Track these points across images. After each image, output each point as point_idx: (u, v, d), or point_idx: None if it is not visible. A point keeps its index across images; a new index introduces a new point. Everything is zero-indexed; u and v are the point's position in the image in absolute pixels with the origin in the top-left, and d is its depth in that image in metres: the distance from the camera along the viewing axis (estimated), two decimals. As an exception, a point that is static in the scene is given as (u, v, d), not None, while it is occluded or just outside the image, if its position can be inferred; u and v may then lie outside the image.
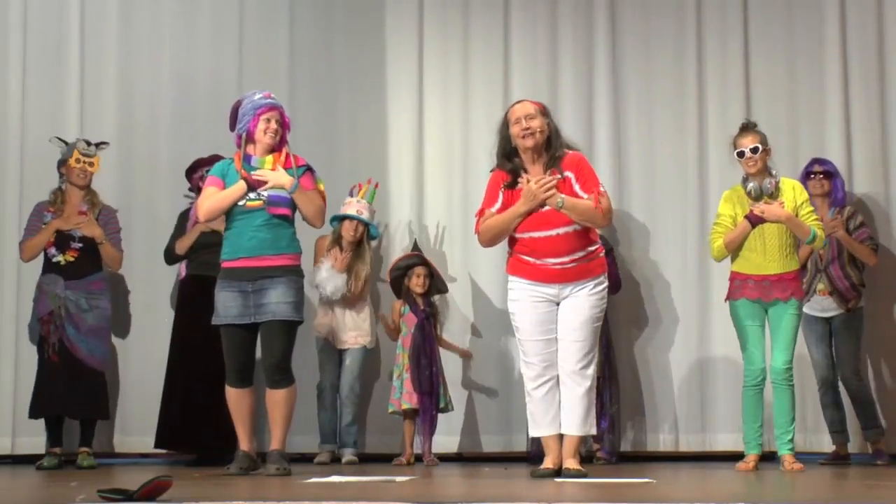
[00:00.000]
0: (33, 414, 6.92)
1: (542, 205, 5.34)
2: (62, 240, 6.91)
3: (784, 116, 7.59)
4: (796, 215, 6.17)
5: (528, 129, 5.43)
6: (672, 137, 7.73)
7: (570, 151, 5.51)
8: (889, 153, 7.64)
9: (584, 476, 5.30)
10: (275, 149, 5.90)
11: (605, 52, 7.80)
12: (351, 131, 7.75)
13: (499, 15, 7.89)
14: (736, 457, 6.75)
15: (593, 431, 5.55)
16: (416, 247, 7.38)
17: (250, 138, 5.88)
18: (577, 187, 5.40)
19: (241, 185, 5.78)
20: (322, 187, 5.98)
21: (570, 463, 5.40)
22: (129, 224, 7.48)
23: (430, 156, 7.82)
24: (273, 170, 5.83)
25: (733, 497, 4.21)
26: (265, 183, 5.79)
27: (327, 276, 7.09)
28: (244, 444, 5.89)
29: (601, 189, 5.40)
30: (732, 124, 7.46)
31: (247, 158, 5.88)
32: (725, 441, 7.48)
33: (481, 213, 5.54)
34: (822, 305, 7.01)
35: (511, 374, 7.59)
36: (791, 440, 6.19)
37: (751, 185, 6.27)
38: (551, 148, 5.47)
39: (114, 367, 7.47)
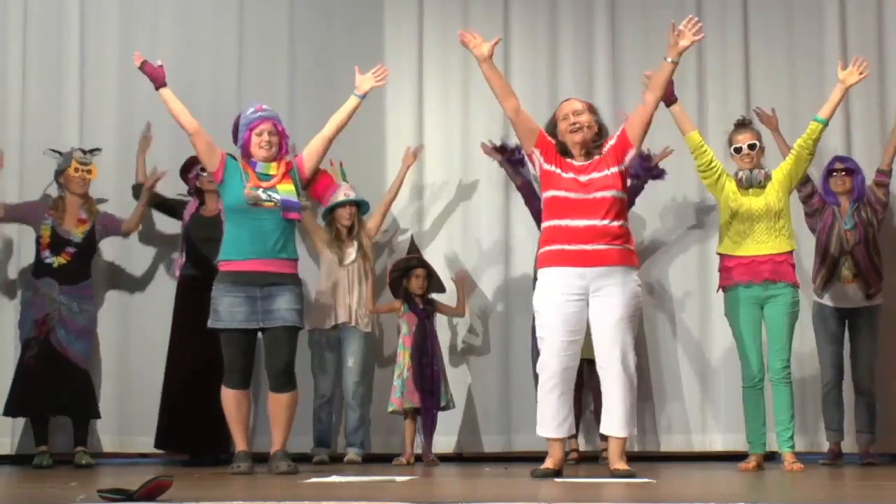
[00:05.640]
0: (7, 412, 6.96)
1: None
2: (58, 242, 6.95)
3: (784, 112, 7.57)
4: (791, 170, 6.27)
5: (575, 124, 5.47)
6: (672, 132, 7.69)
7: None
8: (889, 152, 7.63)
9: (633, 476, 5.22)
10: (275, 158, 6.00)
11: (604, 45, 7.81)
12: (350, 129, 7.73)
13: (498, 10, 7.90)
14: (737, 457, 6.75)
15: (635, 432, 5.54)
16: (413, 245, 7.37)
17: (245, 153, 6.03)
18: (624, 128, 5.52)
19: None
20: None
21: (618, 464, 5.35)
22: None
23: (429, 153, 7.81)
24: (275, 175, 5.94)
25: (733, 497, 4.21)
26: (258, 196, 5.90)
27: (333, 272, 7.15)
28: (242, 444, 5.93)
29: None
30: (732, 118, 7.45)
31: (252, 164, 5.99)
32: (726, 441, 7.48)
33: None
34: (844, 295, 6.90)
35: (511, 374, 7.60)
36: (791, 437, 6.19)
37: (741, 173, 6.29)
38: (601, 147, 5.50)
39: (114, 366, 7.48)
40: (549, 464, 5.44)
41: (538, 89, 7.80)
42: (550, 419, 5.44)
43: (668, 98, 6.25)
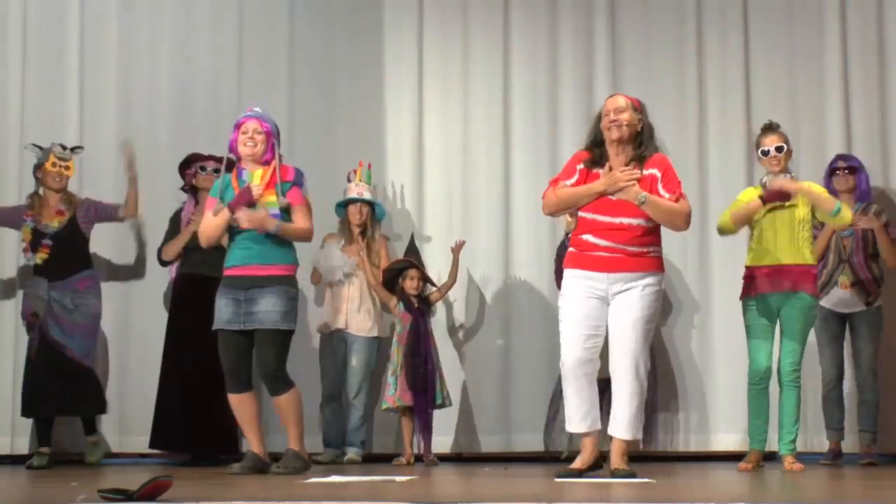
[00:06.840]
0: (24, 412, 6.96)
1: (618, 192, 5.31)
2: (36, 239, 6.94)
3: (784, 115, 7.54)
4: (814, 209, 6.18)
5: (615, 120, 5.40)
6: (672, 135, 7.67)
7: (657, 153, 5.47)
8: (889, 152, 7.63)
9: (633, 476, 5.21)
10: (262, 160, 5.95)
11: (604, 49, 7.80)
12: (350, 129, 7.75)
13: (498, 12, 7.89)
14: (736, 457, 6.75)
15: (639, 436, 5.48)
16: (412, 244, 7.36)
17: (234, 153, 6.01)
18: (660, 186, 5.37)
19: (226, 213, 5.87)
20: (307, 199, 6.02)
21: (619, 463, 5.32)
22: (128, 224, 7.47)
23: (429, 153, 7.81)
24: (260, 184, 5.89)
25: (734, 497, 4.21)
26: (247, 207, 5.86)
27: (334, 255, 7.16)
28: (254, 446, 5.95)
29: (682, 193, 5.40)
30: (732, 122, 7.48)
31: (240, 173, 5.99)
32: (725, 441, 7.48)
33: (555, 182, 5.48)
34: (842, 301, 6.93)
35: (510, 373, 7.59)
36: (793, 441, 6.18)
37: (766, 178, 6.26)
38: (641, 146, 5.44)
39: (113, 366, 7.47)
40: (577, 463, 5.38)
41: (538, 90, 7.80)
42: (573, 412, 5.38)
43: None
